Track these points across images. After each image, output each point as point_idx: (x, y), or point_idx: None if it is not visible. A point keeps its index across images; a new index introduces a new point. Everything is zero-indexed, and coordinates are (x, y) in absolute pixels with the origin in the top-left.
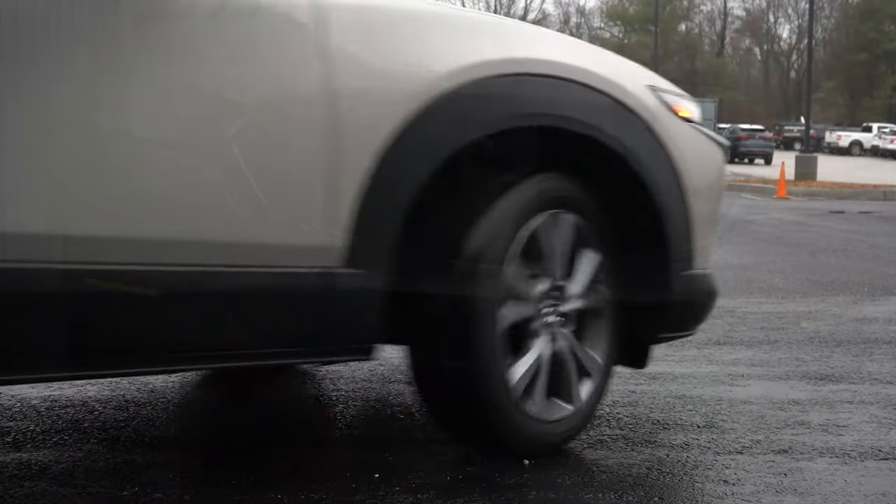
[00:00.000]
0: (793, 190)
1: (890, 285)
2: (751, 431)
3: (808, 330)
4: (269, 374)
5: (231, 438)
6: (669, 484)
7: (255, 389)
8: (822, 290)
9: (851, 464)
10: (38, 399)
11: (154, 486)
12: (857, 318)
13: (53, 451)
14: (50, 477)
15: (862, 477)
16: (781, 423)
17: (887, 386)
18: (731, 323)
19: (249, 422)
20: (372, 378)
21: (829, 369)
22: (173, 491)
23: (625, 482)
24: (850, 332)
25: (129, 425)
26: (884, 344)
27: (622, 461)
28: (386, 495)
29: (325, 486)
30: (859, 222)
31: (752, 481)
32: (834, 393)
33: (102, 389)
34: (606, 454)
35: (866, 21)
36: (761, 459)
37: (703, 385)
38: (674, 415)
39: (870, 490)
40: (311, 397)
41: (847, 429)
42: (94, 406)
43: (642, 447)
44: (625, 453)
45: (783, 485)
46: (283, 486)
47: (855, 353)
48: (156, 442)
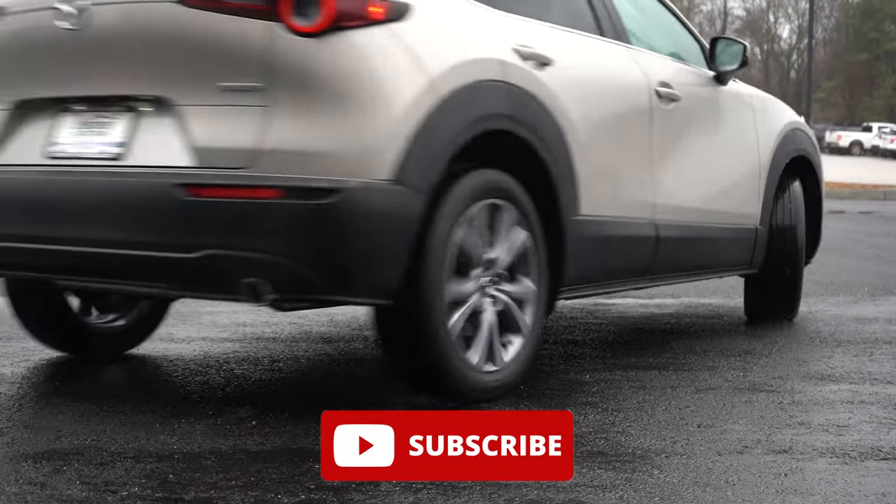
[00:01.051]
0: None
1: (890, 285)
2: (751, 431)
3: (809, 330)
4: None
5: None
6: (670, 484)
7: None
8: (822, 290)
9: (852, 464)
10: (38, 399)
11: (154, 486)
12: (857, 318)
13: (55, 449)
14: (50, 476)
15: (862, 477)
16: (781, 423)
17: (887, 386)
18: (730, 323)
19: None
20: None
21: (829, 369)
22: (174, 491)
23: (625, 482)
24: (850, 332)
25: (128, 425)
26: (884, 344)
27: (622, 461)
28: (386, 495)
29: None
30: (859, 222)
31: (752, 481)
32: (834, 393)
33: (103, 389)
34: (606, 454)
35: (866, 21)
36: (761, 459)
37: (704, 385)
38: (674, 415)
39: (870, 490)
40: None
41: (847, 429)
42: (94, 405)
43: (642, 447)
44: (625, 453)
45: (783, 485)
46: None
47: (855, 353)
48: (156, 442)
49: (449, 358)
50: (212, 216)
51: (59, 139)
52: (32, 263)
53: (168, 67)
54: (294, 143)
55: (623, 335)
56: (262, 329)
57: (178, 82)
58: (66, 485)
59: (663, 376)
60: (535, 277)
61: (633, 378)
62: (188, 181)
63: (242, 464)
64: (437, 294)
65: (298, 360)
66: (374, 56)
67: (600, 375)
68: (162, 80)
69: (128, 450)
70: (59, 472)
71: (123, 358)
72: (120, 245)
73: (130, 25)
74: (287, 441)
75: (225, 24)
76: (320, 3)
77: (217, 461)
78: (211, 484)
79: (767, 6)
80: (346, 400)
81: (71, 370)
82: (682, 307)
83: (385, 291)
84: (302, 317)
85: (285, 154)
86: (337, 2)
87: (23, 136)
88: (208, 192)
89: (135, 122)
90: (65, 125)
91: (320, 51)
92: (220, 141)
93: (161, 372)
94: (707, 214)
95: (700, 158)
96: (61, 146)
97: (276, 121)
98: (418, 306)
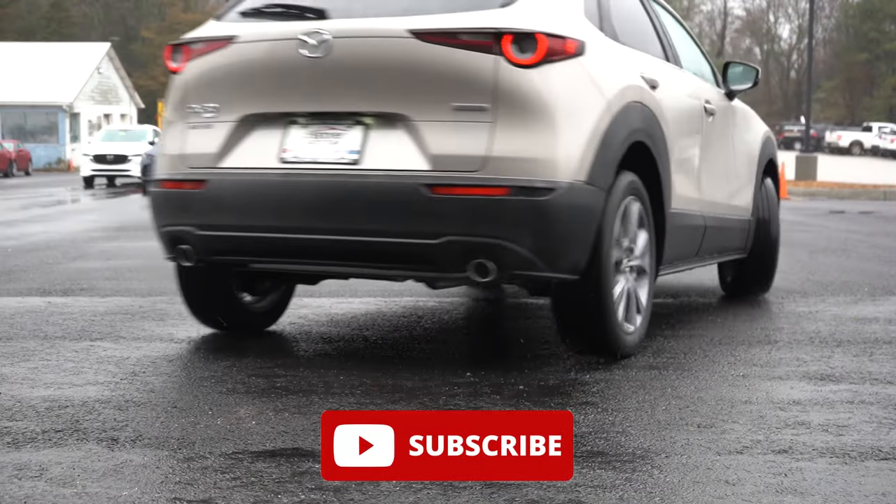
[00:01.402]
0: (793, 190)
1: (890, 285)
2: (751, 431)
3: (809, 330)
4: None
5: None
6: (670, 484)
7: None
8: (822, 290)
9: (852, 464)
10: (38, 399)
11: (154, 486)
12: (857, 318)
13: (53, 451)
14: (50, 477)
15: (862, 477)
16: (781, 423)
17: (887, 386)
18: (731, 323)
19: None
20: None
21: (829, 369)
22: (174, 490)
23: (625, 482)
24: (850, 332)
25: (129, 425)
26: (884, 344)
27: (622, 461)
28: (385, 494)
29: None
30: (859, 222)
31: (752, 481)
32: (834, 393)
33: (102, 389)
34: (606, 454)
35: (866, 21)
36: (761, 459)
37: (704, 385)
38: (674, 415)
39: (870, 490)
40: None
41: (847, 429)
42: (94, 406)
43: (642, 447)
44: (625, 453)
45: (783, 485)
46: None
47: (855, 353)
48: (155, 442)
49: (611, 320)
50: (452, 210)
51: (291, 147)
52: (273, 250)
53: (404, 90)
54: (514, 151)
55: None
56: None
57: (414, 102)
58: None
59: (663, 376)
60: (649, 260)
61: (633, 378)
62: (433, 181)
63: (242, 464)
64: (608, 270)
65: (298, 360)
66: (573, 82)
67: (600, 375)
68: (398, 99)
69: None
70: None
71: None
72: (372, 234)
73: (370, 56)
74: (287, 441)
75: (458, 57)
76: (536, 41)
77: (217, 461)
78: (211, 484)
79: (767, 6)
80: (346, 400)
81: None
82: (682, 307)
83: (577, 268)
84: (302, 317)
85: (507, 160)
86: (549, 40)
87: (251, 144)
88: (449, 191)
89: (365, 133)
90: (295, 135)
91: (535, 79)
92: (454, 149)
93: (161, 372)
94: (727, 208)
95: (723, 161)
96: (294, 152)
97: (498, 133)
98: (597, 279)
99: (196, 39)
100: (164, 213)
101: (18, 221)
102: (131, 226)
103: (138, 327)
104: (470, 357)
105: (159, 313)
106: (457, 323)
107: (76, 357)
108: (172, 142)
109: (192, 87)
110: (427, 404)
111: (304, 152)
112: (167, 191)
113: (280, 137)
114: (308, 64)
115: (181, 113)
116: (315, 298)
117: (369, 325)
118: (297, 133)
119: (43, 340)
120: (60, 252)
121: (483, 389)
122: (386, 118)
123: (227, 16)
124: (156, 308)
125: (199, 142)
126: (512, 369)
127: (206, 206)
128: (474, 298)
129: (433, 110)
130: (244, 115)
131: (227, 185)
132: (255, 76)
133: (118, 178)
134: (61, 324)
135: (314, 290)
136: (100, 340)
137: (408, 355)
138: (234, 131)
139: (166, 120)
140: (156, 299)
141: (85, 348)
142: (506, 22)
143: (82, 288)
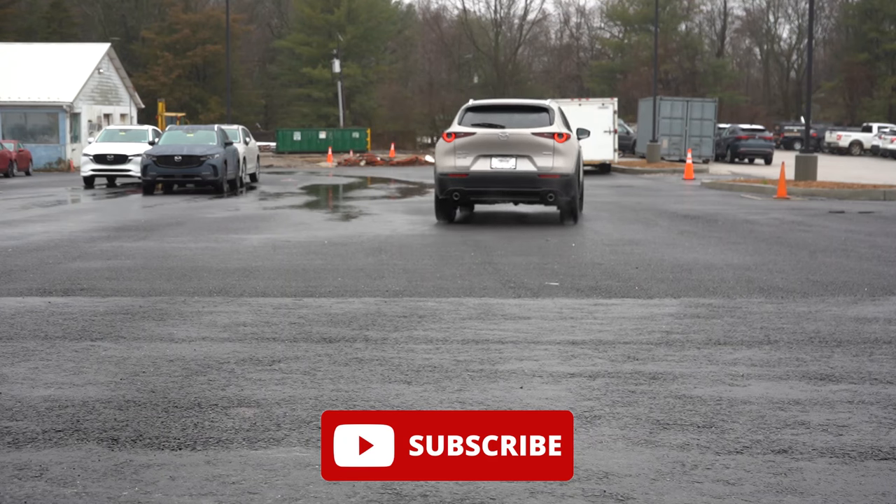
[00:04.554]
0: (793, 190)
1: (890, 285)
2: (751, 431)
3: (809, 330)
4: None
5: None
6: (670, 484)
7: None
8: (822, 290)
9: (851, 464)
10: (38, 399)
11: (154, 486)
12: (857, 318)
13: (54, 451)
14: (50, 476)
15: (862, 477)
16: (781, 423)
17: (887, 386)
18: (731, 323)
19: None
20: None
21: (829, 369)
22: (173, 491)
23: (625, 482)
24: (850, 332)
25: (129, 425)
26: (884, 344)
27: (622, 461)
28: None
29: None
30: (859, 222)
31: (752, 481)
32: (834, 393)
33: (102, 389)
34: (607, 454)
35: (866, 21)
36: (761, 459)
37: (703, 385)
38: (674, 415)
39: (870, 490)
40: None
41: (847, 429)
42: (94, 406)
43: (642, 447)
44: (625, 453)
45: (783, 485)
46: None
47: (855, 353)
48: (156, 442)
49: (577, 213)
50: (544, 182)
51: (494, 165)
52: (483, 196)
53: (529, 147)
54: (557, 165)
55: (623, 335)
56: (262, 329)
57: (531, 150)
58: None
59: (663, 376)
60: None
61: (633, 378)
62: (539, 173)
63: (242, 463)
64: (579, 197)
65: (298, 360)
66: (570, 146)
67: (600, 375)
68: (526, 150)
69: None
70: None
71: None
72: (520, 192)
73: (519, 138)
74: (287, 441)
75: (544, 138)
76: (562, 135)
77: (217, 461)
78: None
79: (767, 6)
80: (346, 400)
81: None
82: (682, 307)
83: (572, 196)
84: (302, 317)
85: (556, 167)
86: (564, 135)
87: (481, 162)
88: (542, 176)
89: (517, 160)
90: (494, 160)
91: (559, 144)
92: (543, 164)
93: (161, 372)
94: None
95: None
96: (495, 165)
97: (554, 160)
98: (576, 200)
99: (459, 133)
100: (448, 183)
101: (19, 221)
102: (131, 226)
103: (138, 327)
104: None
105: (159, 313)
106: (456, 322)
107: (76, 357)
108: (450, 161)
109: (458, 146)
110: (426, 405)
111: (498, 166)
112: (451, 178)
113: (490, 160)
114: (501, 138)
115: (453, 154)
116: (315, 299)
117: (369, 325)
118: (495, 160)
119: (43, 340)
120: (61, 252)
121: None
122: (523, 155)
123: (463, 120)
124: (156, 308)
125: (460, 162)
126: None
127: (465, 182)
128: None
129: (537, 153)
130: (478, 154)
131: (473, 174)
132: (483, 143)
133: (118, 178)
134: (61, 324)
135: (314, 290)
136: (100, 340)
137: (408, 355)
138: (475, 158)
139: (441, 153)
140: (156, 299)
141: (85, 348)
142: (553, 128)
143: (82, 288)
